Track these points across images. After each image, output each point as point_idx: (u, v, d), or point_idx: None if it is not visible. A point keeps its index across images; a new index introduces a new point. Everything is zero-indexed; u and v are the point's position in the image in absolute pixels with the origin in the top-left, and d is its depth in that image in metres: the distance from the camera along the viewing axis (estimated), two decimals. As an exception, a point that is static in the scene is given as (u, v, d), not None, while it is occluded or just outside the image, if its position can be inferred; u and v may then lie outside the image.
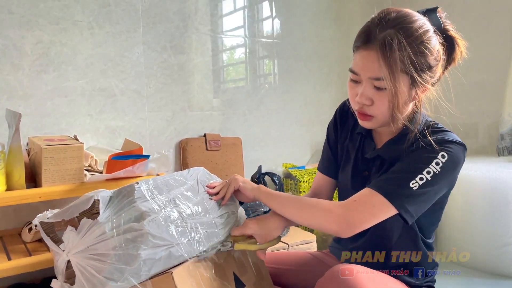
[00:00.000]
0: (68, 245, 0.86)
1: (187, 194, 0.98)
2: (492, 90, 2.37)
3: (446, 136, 0.93)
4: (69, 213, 0.87)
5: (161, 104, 1.99)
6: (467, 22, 2.47)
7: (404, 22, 0.87)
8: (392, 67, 0.85)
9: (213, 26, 2.15)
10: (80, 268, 0.84)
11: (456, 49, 0.96)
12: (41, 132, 1.68)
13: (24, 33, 1.64)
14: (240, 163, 2.20)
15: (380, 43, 0.85)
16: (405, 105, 0.91)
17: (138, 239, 0.82)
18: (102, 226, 0.83)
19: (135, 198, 0.87)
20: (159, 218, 0.86)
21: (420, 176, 0.87)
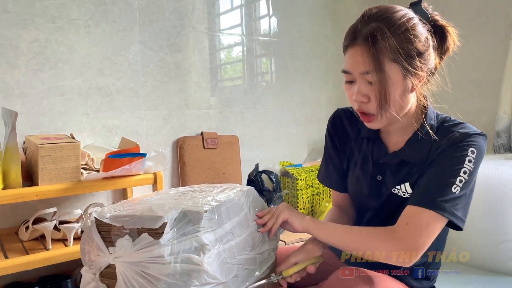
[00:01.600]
0: (119, 252, 0.83)
1: (242, 225, 0.96)
2: (488, 88, 2.37)
3: (468, 129, 0.92)
4: (132, 222, 0.83)
5: (157, 103, 1.99)
6: (463, 20, 2.47)
7: (386, 13, 0.87)
8: (377, 58, 0.84)
9: (210, 24, 2.15)
10: (125, 278, 0.81)
11: (448, 37, 0.96)
12: (38, 131, 1.68)
13: (20, 31, 1.64)
14: (238, 161, 2.20)
15: (364, 37, 0.86)
16: (404, 96, 0.90)
17: (193, 273, 0.79)
18: (162, 248, 0.79)
19: (200, 227, 0.83)
20: (215, 254, 0.83)
21: (460, 179, 0.86)
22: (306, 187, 2.22)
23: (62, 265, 1.51)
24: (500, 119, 2.22)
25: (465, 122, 0.95)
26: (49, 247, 1.40)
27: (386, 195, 0.99)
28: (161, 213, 0.82)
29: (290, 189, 2.27)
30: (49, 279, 1.55)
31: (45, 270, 1.57)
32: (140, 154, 1.54)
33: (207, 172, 2.09)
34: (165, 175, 2.01)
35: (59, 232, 1.45)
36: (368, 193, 1.03)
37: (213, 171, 2.10)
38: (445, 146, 0.90)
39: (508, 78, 2.19)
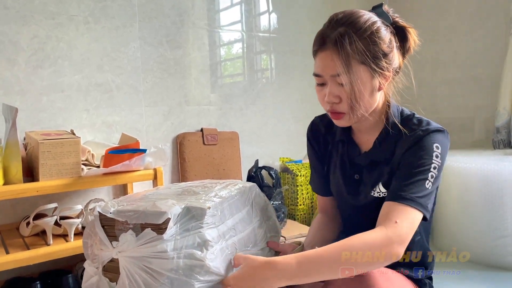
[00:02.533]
0: (122, 246, 0.83)
1: (244, 221, 0.96)
2: (488, 84, 2.38)
3: (429, 126, 0.95)
4: (135, 217, 0.83)
5: (157, 99, 1.99)
6: (463, 17, 2.47)
7: (351, 18, 0.93)
8: (347, 60, 0.90)
9: (210, 20, 2.15)
10: (128, 273, 0.81)
11: (409, 37, 0.99)
12: (38, 127, 1.68)
13: (20, 28, 1.64)
14: (237, 157, 2.20)
15: (333, 41, 0.91)
16: (372, 96, 0.95)
17: (196, 269, 0.79)
18: (165, 243, 0.80)
19: (203, 223, 0.84)
20: (218, 250, 0.84)
21: (431, 174, 0.90)
22: (306, 183, 2.23)
23: (63, 260, 1.51)
24: (500, 115, 2.22)
25: (426, 119, 0.98)
26: (50, 243, 1.41)
27: (363, 194, 1.03)
28: (164, 209, 0.82)
29: (290, 185, 2.27)
30: (50, 274, 1.56)
31: (46, 265, 1.58)
32: (140, 150, 1.55)
33: (207, 168, 2.10)
34: (165, 171, 2.01)
35: (59, 228, 1.46)
36: (347, 192, 1.06)
37: (213, 167, 2.11)
38: (411, 145, 0.94)
39: (507, 74, 2.19)
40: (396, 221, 0.86)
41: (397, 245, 0.84)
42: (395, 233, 0.84)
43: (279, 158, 2.38)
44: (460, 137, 2.55)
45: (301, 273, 0.81)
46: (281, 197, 2.10)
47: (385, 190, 0.99)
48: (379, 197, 1.00)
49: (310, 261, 0.82)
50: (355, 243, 0.84)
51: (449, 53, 2.56)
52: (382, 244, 0.83)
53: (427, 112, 2.95)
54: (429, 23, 2.64)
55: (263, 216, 1.06)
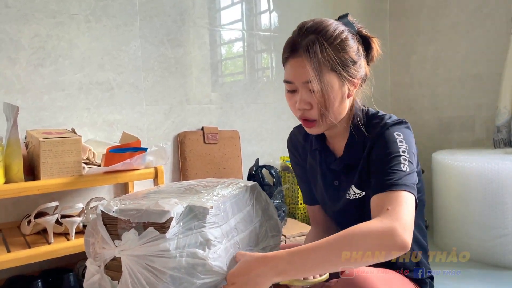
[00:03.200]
0: (125, 245, 0.83)
1: (245, 221, 0.97)
2: (489, 83, 2.37)
3: (386, 121, 0.97)
4: (138, 216, 0.84)
5: (158, 98, 1.99)
6: (464, 16, 2.47)
7: (321, 26, 0.94)
8: (318, 67, 0.92)
9: (210, 19, 2.15)
10: (130, 271, 0.82)
11: (373, 46, 1.01)
12: (39, 126, 1.69)
13: (21, 27, 1.64)
14: (238, 156, 2.21)
15: (304, 48, 0.93)
16: (342, 102, 0.97)
17: (198, 267, 0.80)
18: (167, 242, 0.80)
19: (206, 222, 0.84)
20: (222, 248, 0.84)
21: (403, 157, 0.91)
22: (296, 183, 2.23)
23: (64, 258, 1.52)
24: (500, 114, 2.22)
25: (386, 114, 1.00)
26: (51, 241, 1.41)
27: (342, 199, 1.04)
28: (167, 208, 0.82)
29: (290, 184, 2.27)
30: (51, 273, 1.56)
31: (47, 263, 1.58)
32: (141, 148, 1.55)
33: (208, 167, 2.10)
34: (166, 170, 2.01)
35: (61, 226, 1.46)
36: (328, 198, 1.08)
37: (213, 166, 2.11)
38: (374, 142, 0.95)
39: (508, 73, 2.19)
40: (388, 208, 0.82)
41: (401, 231, 0.78)
42: (393, 219, 0.80)
43: (280, 157, 2.38)
44: (461, 136, 2.55)
45: (292, 267, 0.79)
46: (281, 195, 2.10)
47: (359, 191, 1.01)
48: (354, 199, 1.02)
49: (303, 255, 0.79)
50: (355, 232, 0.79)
51: (449, 51, 2.56)
52: (384, 231, 0.78)
53: (427, 111, 2.95)
54: (430, 21, 2.64)
55: (265, 215, 1.07)
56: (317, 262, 0.79)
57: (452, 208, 2.08)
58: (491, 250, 1.91)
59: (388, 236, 0.78)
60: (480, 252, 1.95)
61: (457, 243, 2.06)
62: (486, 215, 1.92)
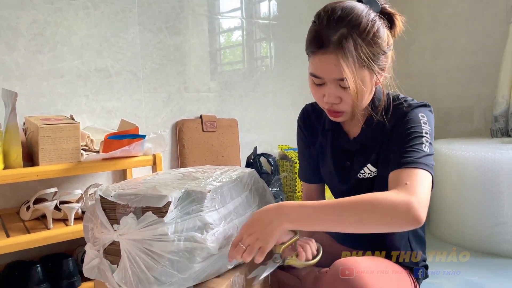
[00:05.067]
0: (123, 229, 0.84)
1: (244, 205, 0.98)
2: (487, 73, 2.37)
3: (411, 102, 0.97)
4: (136, 200, 0.84)
5: (157, 85, 1.99)
6: (463, 5, 2.46)
7: (353, 18, 0.88)
8: (353, 66, 0.87)
9: (209, 7, 2.14)
10: (129, 255, 0.83)
11: (396, 24, 0.98)
12: (38, 112, 1.69)
13: (19, 12, 1.63)
14: (236, 144, 2.21)
15: (336, 45, 0.87)
16: (371, 93, 0.97)
17: (196, 251, 0.81)
18: (165, 226, 0.81)
19: (204, 206, 0.85)
20: (219, 232, 0.85)
21: (425, 139, 0.91)
22: (304, 170, 2.24)
23: (63, 244, 1.53)
24: (498, 104, 2.23)
25: (408, 97, 1.00)
26: (50, 227, 1.42)
27: (353, 180, 1.03)
28: (165, 192, 0.83)
29: (288, 172, 2.28)
30: (50, 258, 1.58)
31: (46, 249, 1.59)
32: (140, 135, 1.55)
33: (206, 155, 2.10)
34: (164, 158, 2.02)
35: (59, 212, 1.47)
36: (338, 180, 1.07)
37: (212, 154, 2.12)
38: (398, 120, 0.95)
39: (507, 63, 2.19)
40: (406, 183, 0.83)
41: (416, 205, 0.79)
42: (410, 193, 0.81)
43: (278, 146, 2.39)
44: (459, 126, 2.56)
45: (304, 218, 0.81)
46: (279, 184, 2.11)
47: (374, 169, 1.00)
48: (365, 178, 1.02)
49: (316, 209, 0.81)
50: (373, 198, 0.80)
51: (449, 41, 2.56)
52: (401, 203, 0.79)
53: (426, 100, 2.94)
54: (430, 10, 2.63)
55: (262, 202, 1.08)
56: (327, 219, 0.81)
57: (449, 197, 2.10)
58: (488, 238, 1.93)
59: (404, 208, 0.78)
60: (476, 240, 1.97)
61: (454, 232, 2.08)
62: (482, 204, 1.94)
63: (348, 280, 0.82)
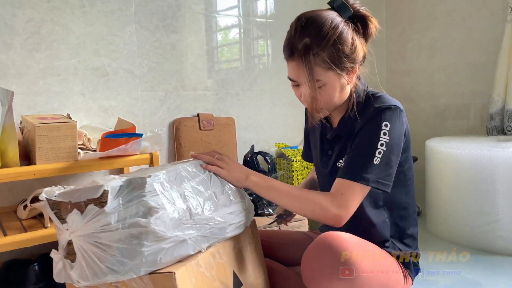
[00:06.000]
0: (72, 227, 0.85)
1: (198, 188, 0.97)
2: (484, 71, 2.38)
3: (381, 103, 1.02)
4: (76, 196, 0.86)
5: (154, 84, 1.99)
6: (460, 3, 2.47)
7: (315, 27, 0.99)
8: (312, 71, 0.98)
9: (206, 5, 2.14)
10: (82, 251, 0.84)
11: (370, 25, 1.05)
12: (34, 111, 1.69)
13: (15, 11, 1.63)
14: (233, 142, 2.22)
15: (300, 54, 0.99)
16: (342, 92, 1.05)
17: (142, 235, 0.81)
18: (108, 216, 0.82)
19: (145, 192, 0.85)
20: (166, 215, 0.85)
21: (378, 151, 0.98)
22: (301, 168, 2.25)
23: (60, 243, 1.53)
24: (494, 102, 2.24)
25: (383, 95, 1.05)
26: (47, 225, 1.42)
27: (331, 166, 1.14)
28: (101, 183, 0.85)
29: (285, 171, 2.29)
30: (47, 257, 1.57)
31: (44, 247, 1.59)
32: (137, 134, 1.55)
33: (203, 153, 2.11)
34: (162, 156, 2.02)
35: (57, 211, 1.47)
36: (321, 165, 1.20)
37: (209, 152, 2.12)
38: (364, 123, 1.02)
39: (502, 61, 2.20)
40: (342, 193, 0.99)
41: (343, 218, 0.97)
42: (339, 201, 0.98)
43: (275, 144, 2.39)
44: (455, 123, 2.57)
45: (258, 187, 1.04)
46: (276, 182, 2.12)
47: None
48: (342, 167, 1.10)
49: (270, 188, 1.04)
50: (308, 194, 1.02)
51: (445, 39, 2.56)
52: (331, 211, 0.97)
53: (422, 98, 2.96)
54: (426, 9, 2.63)
55: (224, 184, 1.06)
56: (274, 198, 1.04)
57: (444, 195, 2.11)
58: (483, 236, 1.94)
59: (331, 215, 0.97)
60: (471, 238, 1.98)
61: (449, 229, 2.09)
62: (477, 202, 1.95)
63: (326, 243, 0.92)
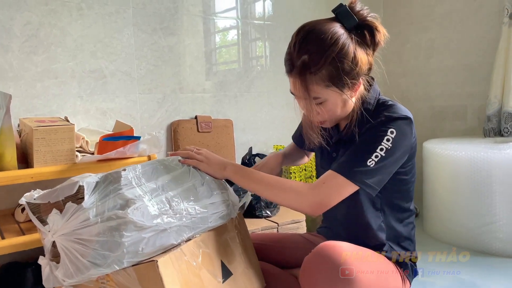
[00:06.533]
0: (53, 227, 0.86)
1: (176, 181, 0.98)
2: (481, 73, 2.39)
3: (393, 113, 0.99)
4: (54, 196, 0.87)
5: (151, 86, 1.99)
6: (457, 5, 2.48)
7: (313, 44, 0.96)
8: (310, 89, 0.97)
9: (204, 7, 2.14)
10: (65, 250, 0.85)
11: (376, 34, 1.00)
12: (32, 114, 1.69)
13: (13, 14, 1.63)
14: (231, 145, 2.22)
15: (298, 71, 0.97)
16: (344, 106, 1.02)
17: (121, 227, 0.82)
18: (87, 212, 0.83)
19: (121, 185, 0.87)
20: (144, 205, 0.86)
21: (376, 154, 0.96)
22: (299, 170, 2.25)
23: (58, 245, 1.53)
24: (491, 104, 2.24)
25: (395, 104, 1.03)
26: (45, 228, 1.42)
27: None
28: (76, 179, 0.86)
29: (283, 172, 2.29)
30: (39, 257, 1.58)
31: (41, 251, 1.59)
32: (134, 137, 1.56)
33: (201, 155, 2.11)
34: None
35: (54, 214, 1.47)
36: (321, 166, 1.19)
37: (207, 154, 2.12)
38: (370, 126, 1.00)
39: (499, 63, 2.20)
40: (324, 182, 0.97)
41: (317, 197, 0.96)
42: (319, 188, 0.97)
43: (273, 146, 2.40)
44: (452, 125, 2.58)
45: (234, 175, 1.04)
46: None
47: None
48: None
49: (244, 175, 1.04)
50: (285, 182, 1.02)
51: (442, 41, 2.57)
52: (303, 192, 0.97)
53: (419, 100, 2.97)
54: (423, 11, 2.64)
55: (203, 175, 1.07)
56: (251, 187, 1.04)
57: (442, 196, 2.11)
58: (480, 237, 1.95)
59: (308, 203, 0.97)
60: (469, 239, 1.98)
61: (447, 230, 2.09)
62: (475, 203, 1.95)
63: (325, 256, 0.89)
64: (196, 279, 0.90)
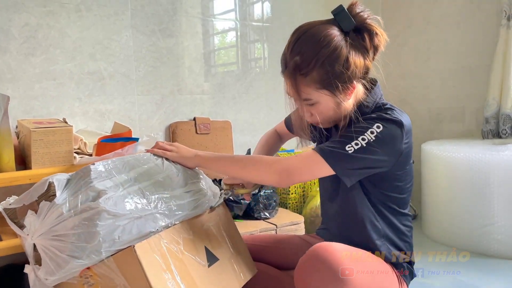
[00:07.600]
0: (31, 229, 0.87)
1: (150, 172, 0.99)
2: (479, 75, 2.40)
3: (386, 115, 0.98)
4: (28, 197, 0.88)
5: (150, 88, 1.99)
6: (455, 7, 2.48)
7: (306, 45, 0.95)
8: (301, 91, 0.97)
9: (203, 9, 2.14)
10: (44, 249, 0.85)
11: (375, 37, 0.98)
12: (30, 115, 1.68)
13: (11, 15, 1.63)
14: (230, 146, 2.22)
15: (289, 72, 0.98)
16: (339, 107, 1.00)
17: (95, 217, 0.83)
18: (60, 207, 0.84)
19: (92, 178, 0.88)
20: (116, 195, 0.87)
21: (356, 142, 0.94)
22: (298, 172, 2.25)
23: (56, 247, 1.52)
24: (489, 105, 2.25)
25: (394, 109, 1.00)
26: (43, 230, 1.42)
27: None
28: (47, 178, 0.88)
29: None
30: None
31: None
32: (133, 138, 1.56)
33: (200, 157, 2.11)
34: (158, 160, 2.02)
35: (52, 215, 1.47)
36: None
37: (205, 156, 2.12)
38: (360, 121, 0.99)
39: (497, 65, 2.21)
40: (297, 156, 0.98)
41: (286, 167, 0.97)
42: (288, 161, 0.97)
43: (272, 147, 2.39)
44: (451, 126, 2.58)
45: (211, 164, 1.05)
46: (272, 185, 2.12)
47: None
48: None
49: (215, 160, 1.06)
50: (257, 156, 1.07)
51: (440, 43, 2.58)
52: (274, 160, 0.99)
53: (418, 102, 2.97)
54: (422, 12, 2.65)
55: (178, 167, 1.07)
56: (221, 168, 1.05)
57: (440, 198, 2.12)
58: (478, 238, 1.95)
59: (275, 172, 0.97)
60: (467, 240, 1.99)
61: (445, 232, 2.10)
62: (473, 205, 1.96)
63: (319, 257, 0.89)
64: (178, 263, 0.91)
